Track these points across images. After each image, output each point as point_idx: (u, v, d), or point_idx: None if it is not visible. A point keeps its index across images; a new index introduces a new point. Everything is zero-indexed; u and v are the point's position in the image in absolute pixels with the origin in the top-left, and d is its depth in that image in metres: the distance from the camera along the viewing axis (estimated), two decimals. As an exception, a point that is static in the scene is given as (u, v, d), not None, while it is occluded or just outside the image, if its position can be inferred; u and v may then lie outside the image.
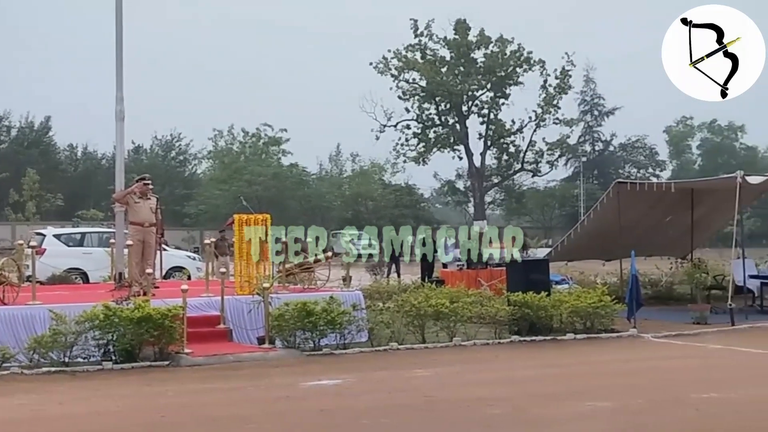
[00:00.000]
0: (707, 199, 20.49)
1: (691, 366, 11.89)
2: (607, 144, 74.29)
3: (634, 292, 15.09)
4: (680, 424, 8.12)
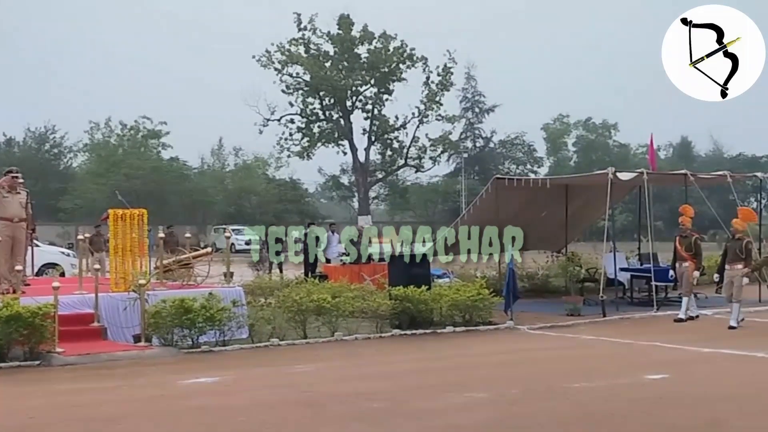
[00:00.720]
0: (581, 194, 21.16)
1: (564, 356, 12.24)
2: (487, 141, 75.82)
3: (511, 285, 15.44)
4: (552, 413, 8.34)
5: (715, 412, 8.31)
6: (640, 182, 19.18)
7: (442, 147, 64.12)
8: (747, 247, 14.64)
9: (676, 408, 8.52)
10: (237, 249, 47.87)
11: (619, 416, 8.18)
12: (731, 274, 14.60)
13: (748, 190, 50.43)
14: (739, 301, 14.59)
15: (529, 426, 7.88)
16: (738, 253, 14.50)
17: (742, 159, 70.30)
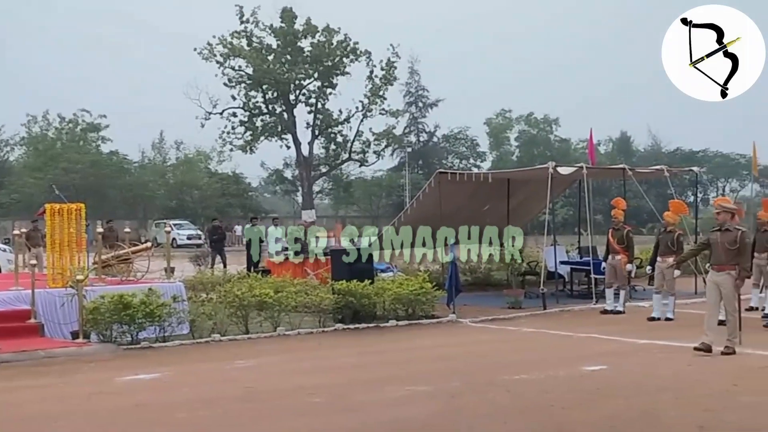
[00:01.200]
0: (522, 188, 21.37)
1: (504, 349, 12.37)
2: (431, 135, 76.17)
3: (453, 278, 15.54)
4: (492, 405, 8.42)
5: (651, 402, 8.46)
6: (579, 176, 19.45)
7: (386, 141, 64.18)
8: (678, 239, 14.84)
9: (613, 398, 8.67)
10: (179, 244, 47.46)
11: (557, 407, 8.28)
12: (663, 266, 14.82)
13: (686, 184, 51.44)
14: (672, 293, 14.84)
15: (469, 418, 7.94)
16: (669, 245, 14.71)
17: (680, 154, 71.69)
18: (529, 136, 77.65)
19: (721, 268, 11.39)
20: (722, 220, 11.55)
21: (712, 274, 11.54)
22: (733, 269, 11.31)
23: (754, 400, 8.52)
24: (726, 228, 11.44)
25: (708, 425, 7.50)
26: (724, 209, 11.73)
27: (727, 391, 8.99)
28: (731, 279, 11.29)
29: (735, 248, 11.29)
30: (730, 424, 7.55)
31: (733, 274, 11.30)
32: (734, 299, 11.35)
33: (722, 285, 11.31)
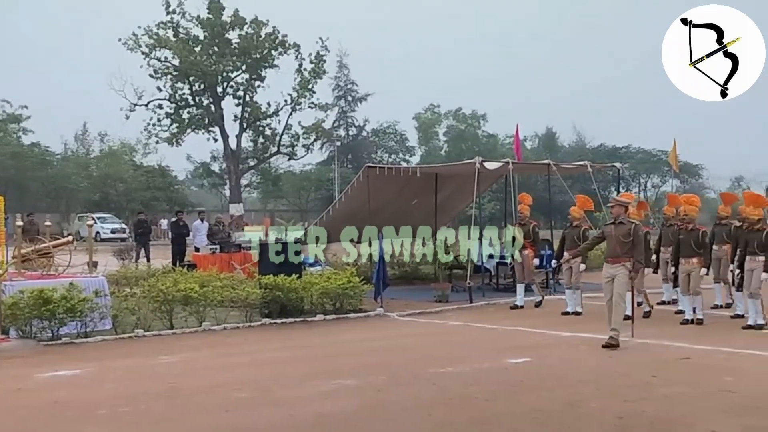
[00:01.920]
0: (450, 183, 21.56)
1: (431, 342, 12.44)
2: (360, 129, 76.22)
3: (381, 272, 15.57)
4: (417, 398, 8.47)
5: (573, 393, 8.62)
6: (505, 171, 19.70)
7: (315, 135, 63.88)
8: (584, 234, 14.85)
9: (537, 390, 8.80)
10: (103, 238, 46.55)
11: (482, 400, 8.38)
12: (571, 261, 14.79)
13: (609, 179, 52.43)
14: (578, 288, 14.89)
15: (395, 411, 7.97)
16: (576, 240, 14.72)
17: (603, 150, 73.01)
18: (458, 131, 78.24)
19: (615, 260, 11.51)
20: (616, 213, 11.68)
21: (607, 267, 11.64)
22: (628, 261, 11.42)
23: (672, 391, 8.75)
24: (620, 221, 11.57)
25: (627, 416, 7.67)
26: (618, 202, 11.87)
27: (646, 382, 9.20)
28: (626, 271, 11.40)
29: (629, 241, 11.40)
30: (648, 415, 7.73)
31: (627, 266, 11.40)
32: (626, 292, 11.53)
33: (617, 277, 11.43)
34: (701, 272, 13.72)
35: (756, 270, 13.03)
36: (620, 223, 11.62)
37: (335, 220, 20.91)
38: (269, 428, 7.53)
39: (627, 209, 11.97)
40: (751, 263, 13.12)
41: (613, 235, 11.57)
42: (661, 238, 15.67)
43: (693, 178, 75.09)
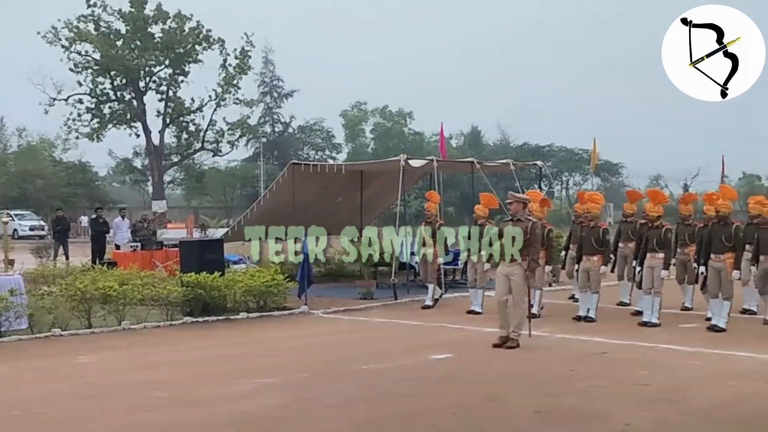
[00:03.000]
0: (376, 180, 21.60)
1: (355, 339, 12.47)
2: (286, 126, 75.85)
3: (305, 270, 15.52)
4: (340, 395, 8.49)
5: (493, 388, 8.75)
6: (430, 169, 19.81)
7: (240, 131, 63.24)
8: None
9: (458, 386, 8.91)
10: (20, 235, 45.33)
11: (404, 395, 8.44)
12: (474, 260, 14.84)
13: (533, 177, 53.27)
14: (482, 287, 14.78)
15: (317, 409, 7.97)
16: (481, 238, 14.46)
17: (527, 148, 74.12)
18: (384, 128, 78.48)
19: (512, 259, 11.17)
20: (514, 210, 11.37)
21: (503, 265, 11.27)
22: (524, 260, 11.11)
23: (589, 384, 8.95)
24: (518, 218, 11.28)
25: (545, 409, 7.81)
26: (516, 199, 11.48)
27: (564, 376, 9.39)
28: (521, 270, 11.09)
29: (526, 239, 11.09)
30: (566, 408, 7.89)
31: (523, 265, 11.09)
32: (524, 291, 11.20)
33: (512, 276, 11.09)
34: (601, 270, 13.71)
35: (656, 267, 13.05)
36: (518, 220, 11.31)
37: (259, 218, 20.76)
38: (189, 428, 7.44)
39: (526, 206, 11.70)
40: (652, 260, 13.14)
41: None
42: (571, 235, 15.75)
43: (613, 176, 76.82)
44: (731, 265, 12.64)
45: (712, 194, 14.06)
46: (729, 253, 12.65)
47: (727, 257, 12.65)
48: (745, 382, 9.01)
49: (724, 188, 14.53)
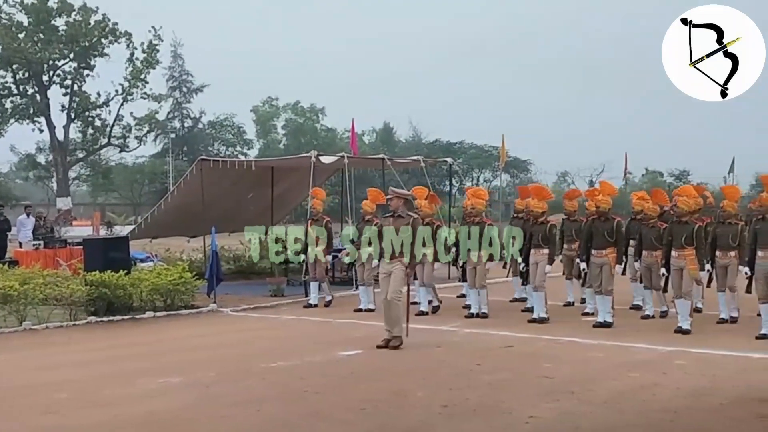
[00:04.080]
0: (286, 176, 21.50)
1: (264, 337, 12.39)
2: (196, 121, 74.67)
3: (214, 267, 15.36)
4: (247, 393, 8.43)
5: (400, 383, 8.81)
6: (341, 165, 19.87)
7: (149, 126, 62.03)
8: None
9: (366, 381, 8.94)
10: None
11: (311, 393, 8.43)
12: (363, 257, 14.70)
13: (444, 174, 53.84)
14: (369, 284, 14.72)
15: (223, 407, 7.89)
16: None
17: (439, 145, 74.75)
18: (296, 124, 78.07)
19: (392, 257, 10.88)
20: (395, 206, 11.00)
21: (383, 263, 11.00)
22: (404, 257, 10.81)
23: (495, 377, 9.10)
24: (398, 214, 10.96)
25: (451, 403, 7.91)
26: (397, 195, 11.11)
27: (470, 370, 9.52)
28: (402, 267, 10.79)
29: (407, 236, 10.78)
30: (471, 402, 8.00)
31: (404, 262, 10.81)
32: (403, 289, 10.90)
33: (393, 274, 10.80)
34: (487, 266, 13.68)
35: (540, 263, 13.14)
36: (399, 216, 10.95)
37: (167, 214, 20.46)
38: (92, 429, 7.27)
39: (408, 202, 11.32)
40: (536, 256, 13.24)
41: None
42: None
43: (522, 173, 78.16)
44: (614, 260, 12.71)
45: (593, 190, 14.15)
46: (611, 249, 12.68)
47: (609, 252, 12.68)
48: (645, 373, 9.30)
49: (603, 184, 14.41)
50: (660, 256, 12.54)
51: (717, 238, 12.72)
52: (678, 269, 12.08)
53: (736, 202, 12.82)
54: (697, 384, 8.70)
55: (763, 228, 11.54)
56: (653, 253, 12.84)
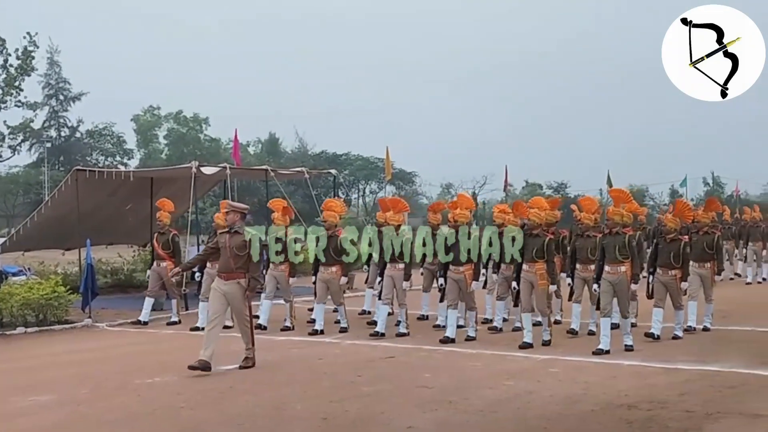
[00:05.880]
0: (167, 187, 21.03)
1: (141, 352, 12.09)
2: (74, 130, 72.32)
3: (89, 281, 14.91)
4: (120, 410, 8.20)
5: (280, 396, 8.73)
6: (224, 176, 19.61)
7: (23, 135, 59.75)
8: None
9: (244, 396, 8.82)
10: None
11: (187, 408, 8.26)
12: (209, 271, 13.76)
13: (330, 185, 53.88)
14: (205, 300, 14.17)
15: (94, 426, 7.66)
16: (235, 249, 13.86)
17: (325, 156, 74.74)
18: (179, 134, 76.61)
19: (229, 276, 10.06)
20: (231, 221, 10.26)
21: (219, 282, 10.19)
22: (243, 278, 10.06)
23: (375, 389, 9.13)
24: (235, 230, 10.21)
25: (330, 416, 7.88)
26: (233, 209, 10.35)
27: (351, 382, 9.52)
28: (240, 289, 10.08)
29: (244, 254, 10.06)
30: (351, 414, 8.00)
31: (242, 283, 10.07)
32: (245, 311, 10.21)
33: (230, 296, 10.06)
34: (341, 281, 13.41)
35: (396, 277, 12.77)
36: (236, 232, 10.18)
37: (41, 226, 19.73)
38: (-48, 453, 6.94)
39: (245, 217, 10.59)
40: (391, 270, 12.86)
41: (227, 247, 10.09)
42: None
43: (407, 184, 79.00)
44: (470, 276, 12.28)
45: (454, 202, 13.69)
46: (468, 265, 12.29)
47: (467, 269, 12.30)
48: (520, 381, 9.51)
49: (461, 197, 13.94)
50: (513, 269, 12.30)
51: (576, 251, 12.58)
52: (528, 282, 11.89)
53: (594, 214, 12.72)
54: (570, 391, 8.95)
55: (609, 242, 11.47)
56: (511, 267, 12.63)
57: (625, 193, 12.52)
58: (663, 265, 12.55)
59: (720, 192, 71.28)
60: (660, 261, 12.61)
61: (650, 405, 8.17)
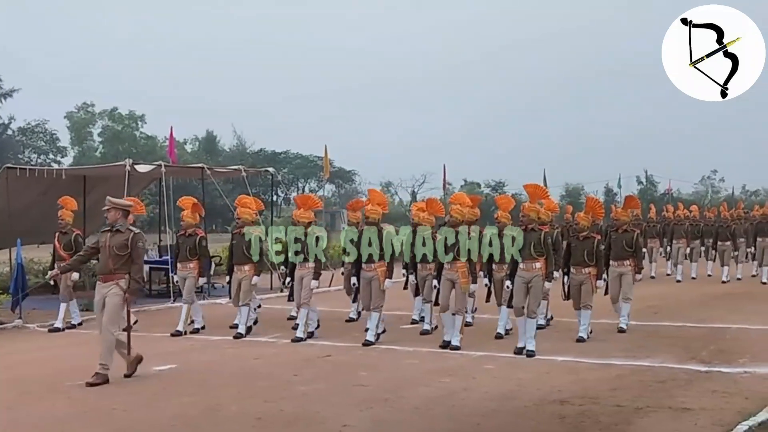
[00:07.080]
0: (101, 185, 20.67)
1: (73, 354, 11.80)
2: (5, 127, 70.69)
3: (19, 281, 14.58)
4: (50, 414, 8.03)
5: (214, 397, 8.64)
6: (159, 174, 19.36)
7: (-48, 132, 58.27)
8: (201, 243, 13.56)
9: (178, 397, 8.71)
10: None
11: (120, 410, 8.13)
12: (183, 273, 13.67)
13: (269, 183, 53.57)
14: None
15: (23, 428, 7.51)
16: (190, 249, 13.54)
17: (263, 154, 74.31)
18: (114, 132, 75.37)
19: (108, 278, 9.54)
20: (112, 218, 9.65)
21: (98, 286, 9.66)
22: (122, 279, 9.49)
23: (311, 388, 9.10)
24: (117, 228, 9.63)
25: (265, 416, 7.84)
26: (114, 205, 9.77)
27: (287, 381, 9.48)
28: (119, 291, 9.50)
29: (125, 254, 9.49)
30: (286, 413, 7.96)
31: (122, 285, 9.49)
32: (118, 316, 9.61)
33: (108, 298, 9.49)
34: (253, 281, 12.95)
35: (305, 277, 12.42)
36: (117, 231, 9.61)
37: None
38: None
39: (128, 214, 10.11)
40: (301, 270, 12.50)
41: (107, 246, 9.55)
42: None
43: (347, 183, 79.01)
44: (383, 274, 12.09)
45: (366, 201, 13.52)
46: (381, 262, 12.10)
47: (379, 266, 12.12)
48: (455, 378, 9.57)
49: (372, 192, 13.63)
50: (433, 268, 12.07)
51: None
52: (449, 281, 11.58)
53: (511, 212, 12.46)
54: (504, 388, 9.04)
55: (527, 239, 11.30)
56: (427, 266, 12.45)
57: (541, 188, 12.49)
58: (577, 263, 12.44)
59: (653, 190, 72.89)
60: (573, 260, 12.46)
61: (582, 400, 8.30)
